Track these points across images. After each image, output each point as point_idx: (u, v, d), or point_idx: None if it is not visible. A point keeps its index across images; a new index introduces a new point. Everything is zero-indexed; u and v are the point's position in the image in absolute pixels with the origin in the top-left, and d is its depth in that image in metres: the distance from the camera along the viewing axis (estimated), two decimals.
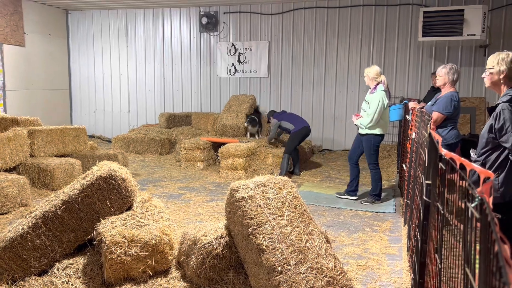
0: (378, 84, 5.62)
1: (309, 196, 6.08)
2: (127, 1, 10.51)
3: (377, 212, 5.38)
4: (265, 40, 10.39)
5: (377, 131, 5.57)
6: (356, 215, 5.27)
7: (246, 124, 8.47)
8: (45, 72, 11.06)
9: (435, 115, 4.42)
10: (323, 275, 2.68)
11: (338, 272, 2.75)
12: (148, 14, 11.18)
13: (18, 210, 5.07)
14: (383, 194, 5.91)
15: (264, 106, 10.47)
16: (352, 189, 5.93)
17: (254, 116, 8.68)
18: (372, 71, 5.63)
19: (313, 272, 2.68)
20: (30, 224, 3.29)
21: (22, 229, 3.27)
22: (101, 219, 3.44)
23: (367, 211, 5.43)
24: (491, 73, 3.05)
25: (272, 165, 7.47)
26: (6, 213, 4.96)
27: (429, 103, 4.76)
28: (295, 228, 2.94)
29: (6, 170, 5.74)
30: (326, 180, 7.22)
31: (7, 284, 3.16)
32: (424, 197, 2.24)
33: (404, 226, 4.76)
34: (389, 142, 9.23)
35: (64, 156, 6.69)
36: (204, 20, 10.49)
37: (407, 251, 3.94)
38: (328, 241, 3.37)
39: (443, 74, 4.53)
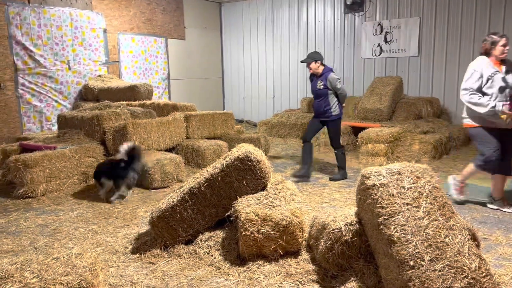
0: None
1: None
2: None
3: None
4: (415, 16, 9.57)
5: None
6: None
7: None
8: (201, 63, 12.21)
9: None
10: (463, 276, 2.38)
11: (483, 274, 2.41)
12: (293, 0, 11.33)
13: (174, 185, 5.77)
14: None
15: (414, 86, 9.71)
16: None
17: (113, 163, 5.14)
18: None
19: (451, 270, 2.41)
20: (179, 198, 3.70)
21: (173, 202, 3.70)
22: (238, 197, 3.68)
23: None
24: None
25: (419, 152, 6.91)
26: (165, 187, 5.69)
27: None
28: (433, 221, 2.67)
29: (166, 150, 6.56)
30: None
31: (160, 249, 3.63)
32: None
33: None
34: None
35: (214, 138, 7.32)
36: (349, 1, 10.16)
37: None
38: (475, 239, 2.99)
39: None
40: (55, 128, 8.30)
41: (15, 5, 8.05)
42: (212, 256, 3.48)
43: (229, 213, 3.77)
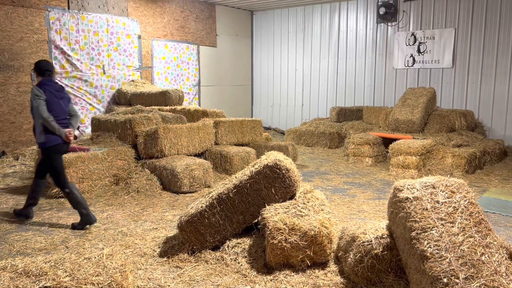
0: None
1: (494, 204, 5.28)
2: None
3: None
4: (450, 27, 9.37)
5: None
6: None
7: None
8: (232, 70, 12.32)
9: None
10: None
11: None
12: (325, 9, 11.31)
13: (202, 190, 5.81)
14: None
15: (447, 98, 9.48)
16: None
17: None
18: None
19: None
20: (207, 203, 3.72)
21: (201, 207, 3.72)
22: (266, 205, 3.67)
23: None
24: None
25: (452, 166, 6.73)
26: (193, 192, 5.74)
27: None
28: (468, 238, 2.58)
29: (195, 155, 6.62)
30: None
31: (188, 253, 3.65)
32: None
33: None
34: None
35: (242, 145, 7.34)
36: (382, 10, 10.05)
37: None
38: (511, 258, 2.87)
39: None
40: (88, 130, 8.53)
41: (56, 11, 8.36)
42: (239, 263, 3.47)
43: (256, 220, 3.76)
